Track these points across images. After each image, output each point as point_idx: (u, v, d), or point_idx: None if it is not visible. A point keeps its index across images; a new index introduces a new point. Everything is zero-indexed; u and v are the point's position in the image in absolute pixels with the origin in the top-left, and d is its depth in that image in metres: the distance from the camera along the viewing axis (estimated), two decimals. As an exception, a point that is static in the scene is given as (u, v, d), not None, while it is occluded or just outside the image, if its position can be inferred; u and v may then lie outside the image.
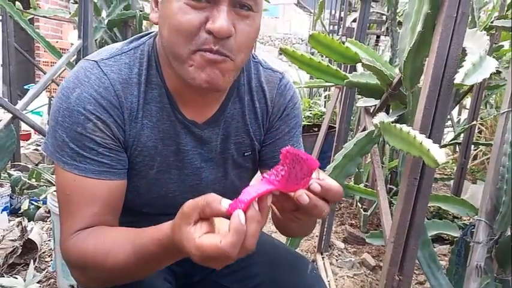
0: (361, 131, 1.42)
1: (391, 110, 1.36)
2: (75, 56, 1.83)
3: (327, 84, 1.42)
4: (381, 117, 1.06)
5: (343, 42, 2.71)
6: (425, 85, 0.85)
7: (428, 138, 0.81)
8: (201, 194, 0.72)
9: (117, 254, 0.57)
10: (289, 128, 0.78)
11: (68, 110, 0.61)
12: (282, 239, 1.23)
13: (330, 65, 1.23)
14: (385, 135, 0.86)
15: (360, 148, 1.09)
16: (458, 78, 0.73)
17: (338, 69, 1.23)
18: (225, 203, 0.46)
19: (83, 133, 0.61)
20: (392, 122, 1.02)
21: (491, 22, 1.82)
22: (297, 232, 0.79)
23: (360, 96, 1.59)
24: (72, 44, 1.75)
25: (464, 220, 2.31)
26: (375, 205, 2.00)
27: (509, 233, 1.22)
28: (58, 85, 2.68)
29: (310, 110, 3.15)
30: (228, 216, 0.46)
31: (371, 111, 1.31)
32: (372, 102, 1.26)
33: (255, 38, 0.64)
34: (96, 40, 2.40)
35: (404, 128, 0.76)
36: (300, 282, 0.74)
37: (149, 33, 0.71)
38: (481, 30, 0.94)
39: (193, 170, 0.72)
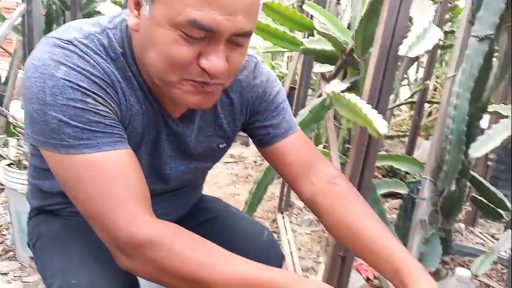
0: (318, 97, 1.46)
1: (347, 76, 1.40)
2: (20, 20, 1.72)
3: (284, 50, 1.42)
4: (334, 85, 1.10)
5: (302, 3, 2.65)
6: (373, 56, 0.88)
7: (376, 107, 0.85)
8: (169, 182, 0.73)
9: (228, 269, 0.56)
10: (274, 105, 0.76)
11: (58, 87, 0.54)
12: (241, 205, 1.28)
13: (286, 31, 1.24)
14: (335, 105, 0.89)
15: (314, 115, 1.12)
16: (402, 51, 0.76)
17: (294, 35, 1.24)
18: None
19: (84, 108, 0.55)
20: (345, 90, 1.06)
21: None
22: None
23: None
24: (17, 3, 1.63)
25: (417, 176, 2.45)
26: (333, 165, 2.08)
27: (453, 188, 1.33)
28: (3, 49, 2.53)
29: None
30: None
31: (327, 76, 1.34)
32: (327, 68, 1.29)
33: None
34: (42, 1, 2.25)
35: (352, 98, 0.79)
36: (255, 248, 0.78)
37: (118, 16, 0.63)
38: (429, -1, 0.97)
39: (164, 158, 0.72)
